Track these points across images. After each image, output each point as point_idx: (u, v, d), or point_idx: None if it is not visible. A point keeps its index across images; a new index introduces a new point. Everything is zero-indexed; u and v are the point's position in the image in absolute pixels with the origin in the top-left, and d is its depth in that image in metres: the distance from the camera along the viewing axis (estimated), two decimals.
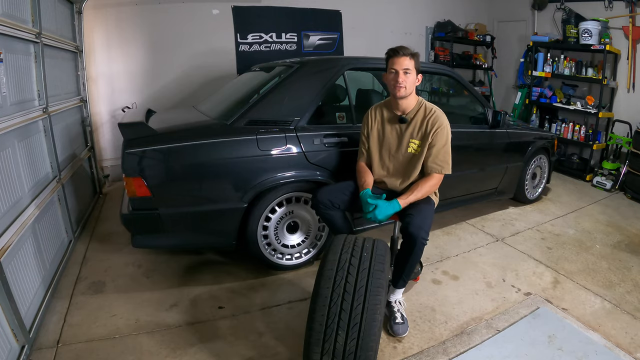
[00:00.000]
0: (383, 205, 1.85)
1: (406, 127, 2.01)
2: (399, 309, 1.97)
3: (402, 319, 1.94)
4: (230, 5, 4.32)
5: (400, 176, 2.06)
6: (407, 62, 1.90)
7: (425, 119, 1.98)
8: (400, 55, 1.90)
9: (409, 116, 2.01)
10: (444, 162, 1.98)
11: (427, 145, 1.97)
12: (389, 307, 1.97)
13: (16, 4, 2.10)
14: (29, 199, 2.02)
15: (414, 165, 2.01)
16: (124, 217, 2.06)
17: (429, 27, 5.62)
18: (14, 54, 2.03)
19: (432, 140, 1.96)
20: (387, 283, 1.51)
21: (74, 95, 3.31)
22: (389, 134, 2.05)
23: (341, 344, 1.35)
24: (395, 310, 1.96)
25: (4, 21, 1.86)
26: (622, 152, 4.39)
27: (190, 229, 2.18)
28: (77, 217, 2.93)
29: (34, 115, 2.21)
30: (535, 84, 5.18)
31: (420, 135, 1.99)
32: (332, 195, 2.01)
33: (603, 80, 4.37)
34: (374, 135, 2.08)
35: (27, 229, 1.92)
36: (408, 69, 1.91)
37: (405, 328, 1.92)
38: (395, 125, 2.04)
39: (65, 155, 2.82)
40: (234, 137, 2.13)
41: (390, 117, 2.05)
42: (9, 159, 1.85)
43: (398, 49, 1.91)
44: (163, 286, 2.27)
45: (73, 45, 3.31)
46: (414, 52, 1.93)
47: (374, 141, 2.08)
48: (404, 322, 1.93)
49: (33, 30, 2.27)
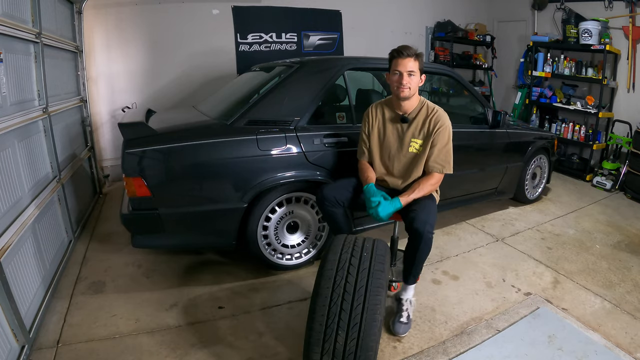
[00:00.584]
0: (385, 203, 1.85)
1: (408, 127, 2.01)
2: (408, 309, 1.97)
3: (407, 320, 1.94)
4: (230, 5, 4.32)
5: (401, 175, 2.06)
6: (412, 64, 1.89)
7: (427, 118, 1.97)
8: (405, 56, 1.88)
9: (411, 116, 2.00)
10: (445, 162, 1.97)
11: (429, 144, 1.96)
12: (399, 303, 1.99)
13: (16, 4, 2.09)
14: (29, 199, 2.02)
15: (416, 164, 2.00)
16: (124, 217, 2.06)
17: (429, 27, 5.62)
18: (14, 54, 2.03)
19: (434, 140, 1.96)
20: (387, 283, 1.51)
21: (74, 95, 3.31)
22: (390, 134, 2.05)
23: (341, 344, 1.35)
24: (403, 308, 1.96)
25: (4, 21, 1.86)
26: (622, 152, 4.39)
27: (190, 229, 2.18)
28: (77, 217, 2.93)
29: (34, 115, 2.21)
30: (535, 84, 5.18)
31: (422, 134, 1.98)
32: (337, 192, 2.01)
33: (603, 80, 4.37)
34: (375, 134, 2.07)
35: (27, 229, 1.91)
36: (412, 71, 1.89)
37: (407, 329, 1.92)
38: (396, 124, 2.03)
39: (65, 155, 2.82)
40: (234, 137, 2.13)
41: (391, 116, 2.04)
42: (9, 159, 1.85)
43: (402, 49, 1.89)
44: (163, 286, 2.27)
45: (73, 45, 3.31)
46: (418, 52, 1.92)
47: (374, 140, 2.08)
48: (407, 323, 1.93)
49: (33, 30, 2.27)
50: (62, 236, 2.52)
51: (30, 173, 2.09)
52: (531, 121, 5.18)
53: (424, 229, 1.76)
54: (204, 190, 2.11)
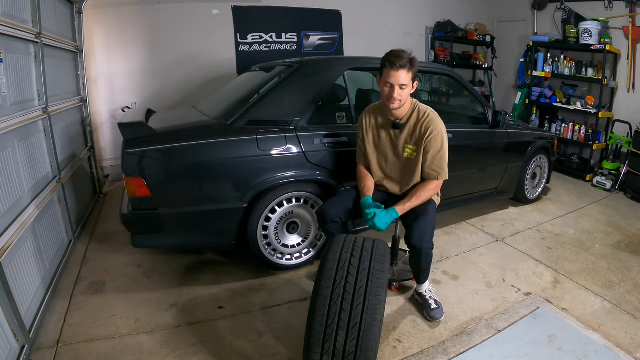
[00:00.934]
0: (381, 214, 1.85)
1: (400, 133, 1.99)
2: (431, 296, 2.07)
3: (437, 304, 2.04)
4: (230, 5, 4.32)
5: (399, 180, 2.06)
6: (404, 76, 1.81)
7: (418, 123, 1.94)
8: (397, 68, 1.80)
9: (403, 121, 1.98)
10: (439, 169, 1.96)
11: (422, 150, 1.94)
12: (421, 296, 2.08)
13: (16, 4, 2.10)
14: (28, 199, 2.02)
15: (412, 169, 2.00)
16: (124, 217, 2.06)
17: (429, 27, 5.62)
18: (14, 54, 2.03)
19: (427, 146, 1.93)
20: (387, 283, 1.51)
21: (74, 95, 3.31)
22: (384, 139, 2.04)
23: (341, 344, 1.35)
24: (427, 298, 2.06)
25: (4, 21, 1.86)
26: (622, 152, 4.39)
27: (190, 229, 2.18)
28: (77, 217, 2.93)
29: (33, 115, 2.21)
30: (535, 84, 5.18)
31: (414, 140, 1.96)
32: (339, 211, 2.00)
33: (603, 80, 4.37)
34: (370, 139, 2.07)
35: (27, 229, 1.91)
36: (404, 85, 1.83)
37: (442, 312, 2.02)
38: (389, 130, 2.02)
39: (65, 155, 2.82)
40: (234, 137, 2.13)
41: (383, 122, 2.02)
42: (9, 159, 1.85)
43: (395, 60, 1.79)
44: (163, 286, 2.27)
45: (73, 45, 3.31)
46: (412, 58, 1.82)
47: (370, 145, 2.07)
48: (438, 307, 2.03)
49: (33, 30, 2.27)
50: (62, 236, 2.52)
51: (30, 173, 2.09)
52: (531, 121, 5.18)
53: (422, 245, 1.81)
54: (204, 190, 2.11)
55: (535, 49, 5.03)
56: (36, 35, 2.31)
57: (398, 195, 2.05)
